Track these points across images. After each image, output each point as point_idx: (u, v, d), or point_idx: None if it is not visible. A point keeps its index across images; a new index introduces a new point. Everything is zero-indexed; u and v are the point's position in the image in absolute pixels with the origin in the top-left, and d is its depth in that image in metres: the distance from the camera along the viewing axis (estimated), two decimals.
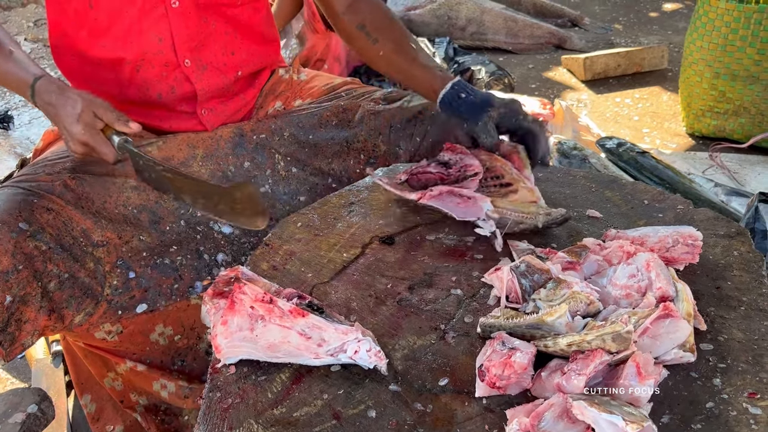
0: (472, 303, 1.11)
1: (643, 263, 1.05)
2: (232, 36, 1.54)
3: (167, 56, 1.46)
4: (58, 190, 1.38)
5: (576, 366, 0.89)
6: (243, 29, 1.56)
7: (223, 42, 1.53)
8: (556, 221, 1.25)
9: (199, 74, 1.50)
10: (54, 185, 1.38)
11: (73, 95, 1.34)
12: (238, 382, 0.98)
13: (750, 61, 2.92)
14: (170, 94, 1.50)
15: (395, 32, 1.57)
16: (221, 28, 1.51)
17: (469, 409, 0.91)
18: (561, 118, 2.95)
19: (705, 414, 0.87)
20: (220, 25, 1.51)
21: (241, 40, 1.56)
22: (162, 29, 1.44)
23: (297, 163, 1.62)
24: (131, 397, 1.52)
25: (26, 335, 1.27)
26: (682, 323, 0.94)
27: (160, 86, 1.49)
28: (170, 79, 1.49)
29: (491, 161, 1.38)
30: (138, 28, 1.43)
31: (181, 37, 1.46)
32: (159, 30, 1.44)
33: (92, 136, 1.34)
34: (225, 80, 1.55)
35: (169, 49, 1.46)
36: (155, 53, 1.45)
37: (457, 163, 1.37)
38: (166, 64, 1.47)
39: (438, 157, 1.39)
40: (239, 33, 1.55)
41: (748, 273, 1.13)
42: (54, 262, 1.30)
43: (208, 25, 1.49)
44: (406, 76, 1.54)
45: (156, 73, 1.47)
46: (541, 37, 4.63)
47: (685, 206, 1.32)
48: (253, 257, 1.26)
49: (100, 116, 1.34)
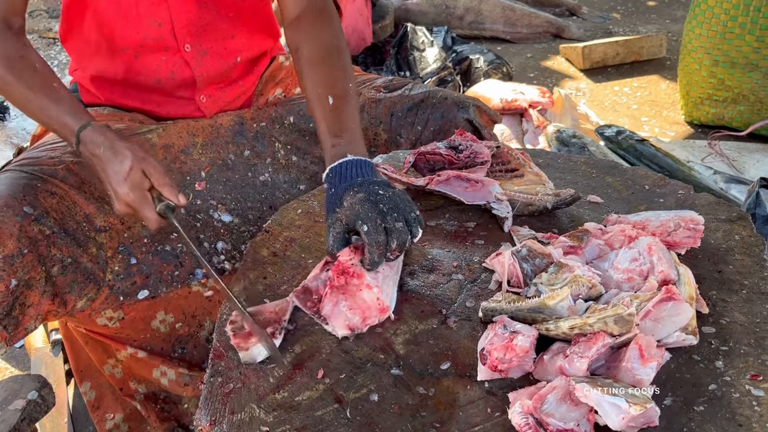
0: (473, 287, 1.11)
1: (644, 247, 1.05)
2: (233, 21, 1.53)
3: (167, 41, 1.45)
4: (62, 174, 1.37)
5: (578, 349, 0.89)
6: (243, 14, 1.55)
7: (224, 27, 1.52)
8: (565, 201, 1.25)
9: (198, 59, 1.50)
10: (57, 169, 1.37)
11: (123, 150, 1.23)
12: (240, 367, 0.98)
13: (749, 48, 2.91)
14: (170, 80, 1.49)
15: (322, 75, 1.36)
16: (222, 12, 1.50)
17: (472, 393, 0.91)
18: (560, 106, 2.94)
19: (708, 396, 0.87)
20: (221, 9, 1.50)
21: (242, 25, 1.55)
22: (161, 14, 1.43)
23: (297, 152, 1.61)
24: (131, 385, 1.52)
25: (29, 319, 1.27)
26: (684, 306, 0.94)
27: (159, 71, 1.48)
28: (170, 64, 1.48)
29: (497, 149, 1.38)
30: (136, 13, 1.42)
31: (181, 21, 1.45)
32: (158, 15, 1.43)
33: (138, 199, 1.22)
34: (224, 65, 1.54)
35: (168, 33, 1.45)
36: (155, 38, 1.44)
37: (467, 148, 1.36)
38: (166, 48, 1.46)
39: (448, 141, 1.39)
40: (240, 17, 1.54)
41: (749, 257, 1.13)
42: (58, 247, 1.30)
43: (208, 9, 1.48)
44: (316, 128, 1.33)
45: (156, 58, 1.46)
46: (539, 26, 4.61)
47: (686, 191, 1.32)
48: (253, 244, 1.26)
49: (149, 175, 1.22)
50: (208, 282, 1.48)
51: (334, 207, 1.14)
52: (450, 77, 3.35)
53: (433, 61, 3.48)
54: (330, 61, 1.39)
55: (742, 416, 0.84)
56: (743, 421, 0.83)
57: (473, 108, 1.65)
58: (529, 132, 2.78)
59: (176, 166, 1.51)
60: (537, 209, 1.26)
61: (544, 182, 1.30)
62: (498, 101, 2.88)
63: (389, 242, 1.07)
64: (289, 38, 1.46)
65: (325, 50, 1.40)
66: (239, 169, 1.57)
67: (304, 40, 1.42)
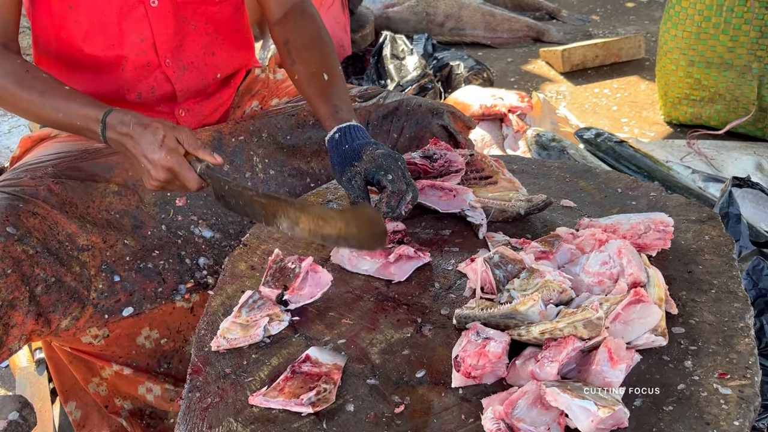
0: (448, 295, 1.12)
1: (614, 250, 1.07)
2: (212, 37, 1.55)
3: (149, 56, 1.46)
4: (43, 195, 1.37)
5: (549, 353, 0.90)
6: (223, 30, 1.56)
7: (204, 42, 1.53)
8: (537, 206, 1.27)
9: (179, 74, 1.51)
10: (39, 190, 1.38)
11: (154, 122, 1.25)
12: (218, 381, 0.99)
13: (723, 48, 2.95)
14: (150, 95, 1.51)
15: (313, 57, 1.48)
16: (201, 29, 1.52)
17: (446, 400, 0.92)
18: (539, 110, 2.96)
19: (676, 396, 0.89)
20: (201, 26, 1.52)
21: (222, 41, 1.57)
22: (143, 29, 1.44)
23: (275, 164, 1.62)
24: (116, 402, 1.52)
25: (13, 340, 1.27)
26: (653, 308, 0.96)
27: (140, 86, 1.49)
28: (150, 79, 1.49)
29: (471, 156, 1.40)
30: (119, 29, 1.43)
31: (162, 36, 1.46)
32: (140, 30, 1.44)
33: (177, 161, 1.24)
34: (204, 81, 1.56)
35: (150, 49, 1.46)
36: (137, 54, 1.46)
37: (442, 157, 1.38)
38: (147, 64, 1.47)
39: (423, 150, 1.41)
40: (219, 34, 1.56)
41: (719, 257, 1.15)
42: (41, 266, 1.30)
43: (187, 24, 1.49)
44: (312, 105, 1.45)
45: (137, 73, 1.48)
46: (519, 30, 4.65)
47: (658, 193, 1.34)
48: (231, 258, 1.27)
49: (182, 142, 1.26)
50: (191, 297, 1.49)
51: (350, 161, 1.26)
52: (430, 84, 3.37)
53: (414, 69, 3.49)
54: (320, 46, 1.50)
55: (710, 415, 0.86)
56: (711, 420, 0.85)
57: (447, 114, 1.67)
58: (509, 137, 2.80)
59: None
60: (511, 215, 1.28)
61: (518, 188, 1.32)
62: (478, 107, 2.90)
63: (407, 193, 1.21)
64: (276, 35, 1.54)
65: (313, 38, 1.51)
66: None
67: (291, 33, 1.52)
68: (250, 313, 1.07)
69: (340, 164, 1.29)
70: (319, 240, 1.19)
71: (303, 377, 0.97)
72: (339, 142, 1.31)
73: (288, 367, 0.98)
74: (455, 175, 1.36)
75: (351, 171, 1.26)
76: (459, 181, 1.35)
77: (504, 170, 1.37)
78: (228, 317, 1.08)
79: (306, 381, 0.96)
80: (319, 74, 1.43)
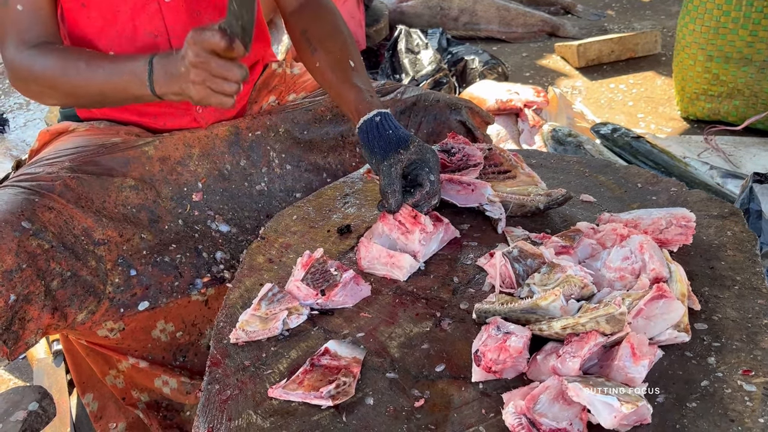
0: (467, 289, 1.12)
1: (636, 245, 1.05)
2: None
3: (163, 51, 1.46)
4: (59, 189, 1.38)
5: (571, 348, 0.90)
6: None
7: None
8: (557, 201, 1.26)
9: None
10: (54, 184, 1.38)
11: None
12: (237, 374, 0.99)
13: (742, 43, 2.92)
14: None
15: (336, 45, 1.48)
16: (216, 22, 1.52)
17: (466, 394, 0.92)
18: (555, 105, 2.95)
19: (700, 392, 0.88)
20: (215, 18, 1.51)
21: None
22: (157, 24, 1.44)
23: (292, 159, 1.62)
24: (133, 394, 1.53)
25: (30, 334, 1.28)
26: (676, 303, 0.94)
27: None
28: None
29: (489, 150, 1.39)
30: (132, 25, 1.43)
31: (176, 31, 1.46)
32: (154, 26, 1.44)
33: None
34: None
35: (165, 44, 1.46)
36: (152, 49, 1.45)
37: (460, 151, 1.37)
38: None
39: (441, 144, 1.40)
40: None
41: (741, 252, 1.13)
42: (57, 261, 1.31)
43: (201, 18, 1.49)
44: (336, 92, 1.44)
45: None
46: (534, 25, 4.62)
47: (679, 188, 1.33)
48: (249, 251, 1.27)
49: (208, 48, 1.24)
50: (207, 291, 1.49)
51: (395, 147, 1.25)
52: (445, 79, 3.36)
53: (428, 63, 3.49)
54: (340, 35, 1.50)
55: (734, 411, 0.85)
56: (735, 417, 0.84)
57: (465, 109, 1.66)
58: (524, 132, 2.79)
59: (173, 178, 1.51)
60: (530, 210, 1.27)
61: (537, 183, 1.31)
62: (493, 102, 2.89)
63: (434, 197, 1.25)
64: (292, 25, 1.54)
65: (332, 26, 1.51)
66: (236, 179, 1.58)
67: (310, 22, 1.51)
68: (270, 306, 1.07)
69: (383, 148, 1.26)
70: None
71: (322, 370, 0.96)
72: (381, 126, 1.28)
73: (307, 360, 0.98)
74: (473, 169, 1.35)
75: (395, 157, 1.24)
76: (477, 176, 1.34)
77: (523, 164, 1.36)
78: (247, 310, 1.08)
79: (325, 374, 0.96)
80: (344, 60, 1.43)
